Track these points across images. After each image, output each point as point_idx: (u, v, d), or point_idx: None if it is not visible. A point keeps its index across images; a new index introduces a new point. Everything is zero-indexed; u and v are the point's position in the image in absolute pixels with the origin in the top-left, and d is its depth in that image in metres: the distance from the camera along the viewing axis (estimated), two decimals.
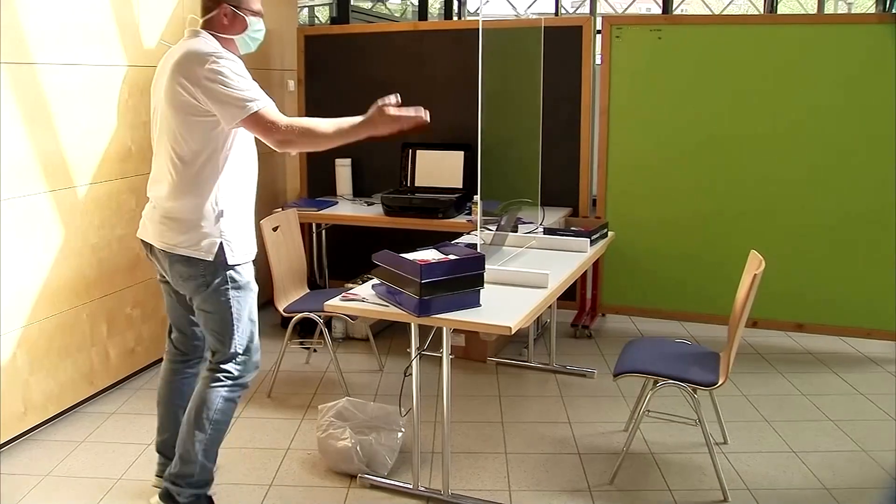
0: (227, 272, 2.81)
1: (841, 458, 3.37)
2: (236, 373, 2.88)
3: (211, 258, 2.76)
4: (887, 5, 11.11)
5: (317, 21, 13.79)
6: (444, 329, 2.92)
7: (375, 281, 3.10)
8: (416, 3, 12.92)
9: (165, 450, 3.07)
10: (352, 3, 9.35)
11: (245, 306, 2.88)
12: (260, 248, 4.10)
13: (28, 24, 3.40)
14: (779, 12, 13.08)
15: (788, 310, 4.63)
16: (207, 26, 2.85)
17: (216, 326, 2.86)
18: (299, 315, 4.00)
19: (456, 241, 3.83)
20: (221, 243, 2.78)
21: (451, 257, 2.96)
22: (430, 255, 3.05)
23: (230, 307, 2.83)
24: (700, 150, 4.65)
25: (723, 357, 3.16)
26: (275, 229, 4.13)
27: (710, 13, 15.92)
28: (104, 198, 3.91)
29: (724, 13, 15.92)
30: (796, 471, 3.27)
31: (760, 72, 4.47)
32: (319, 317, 4.00)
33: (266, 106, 2.66)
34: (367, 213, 4.83)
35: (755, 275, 2.96)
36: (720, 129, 4.58)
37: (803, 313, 4.63)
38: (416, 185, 5.03)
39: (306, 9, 13.16)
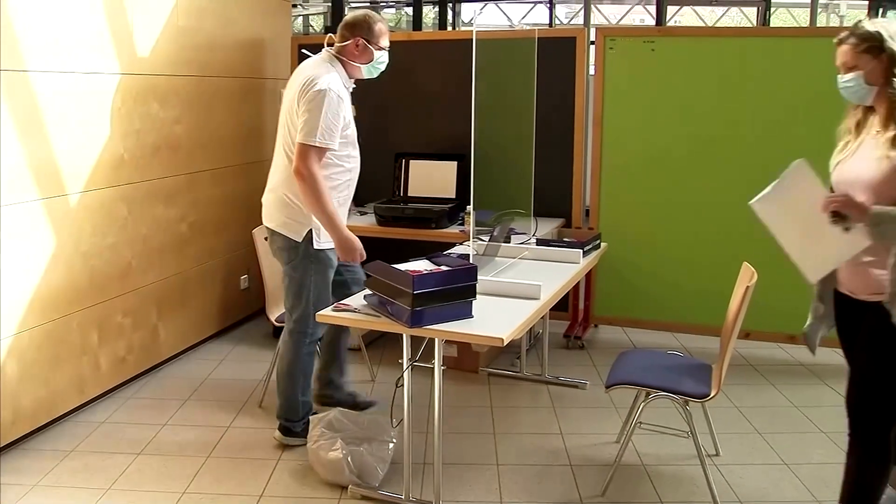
0: (311, 252, 3.43)
1: (833, 471, 3.36)
2: (310, 330, 3.51)
3: (300, 240, 3.40)
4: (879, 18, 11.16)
5: (311, 30, 13.81)
6: (436, 340, 2.91)
7: (367, 291, 3.09)
8: (411, 13, 12.95)
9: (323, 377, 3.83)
10: (346, 12, 9.35)
11: (322, 278, 3.50)
12: (252, 257, 4.12)
13: (21, 31, 3.40)
14: (771, 25, 13.14)
15: (780, 321, 4.63)
16: (341, 52, 3.45)
17: (294, 290, 3.48)
18: None
19: (448, 251, 3.83)
20: (311, 230, 3.39)
21: (444, 268, 2.96)
22: (422, 265, 3.05)
23: (309, 278, 3.46)
24: (693, 161, 4.66)
25: (715, 369, 3.16)
26: (266, 239, 4.12)
27: (704, 25, 16.01)
28: (96, 206, 3.90)
29: (717, 25, 16.01)
30: (788, 483, 3.27)
31: (753, 84, 4.48)
32: None
33: (318, 148, 3.24)
34: (360, 222, 4.81)
35: (747, 287, 2.97)
36: (713, 140, 4.59)
37: (795, 325, 4.62)
38: (409, 195, 5.03)
39: (301, 18, 13.20)
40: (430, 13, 14.87)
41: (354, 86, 3.55)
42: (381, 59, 3.49)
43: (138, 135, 4.18)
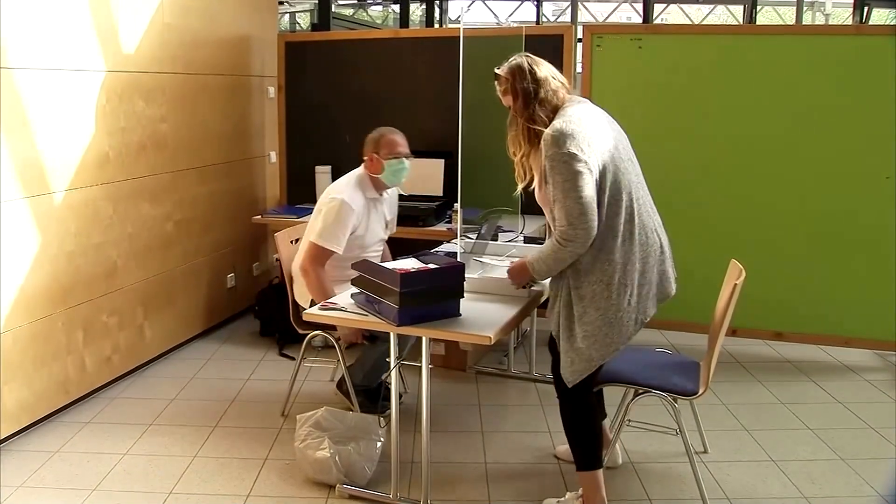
0: None
1: (819, 467, 3.39)
2: None
3: None
4: (864, 18, 11.26)
5: (298, 27, 13.77)
6: (424, 338, 2.90)
7: (355, 290, 3.08)
8: (398, 11, 12.95)
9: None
10: (333, 9, 9.34)
11: None
12: (237, 256, 4.08)
13: (5, 28, 3.36)
14: (758, 23, 13.20)
15: (767, 318, 4.65)
16: (365, 167, 3.75)
17: None
18: None
19: (436, 249, 3.82)
20: None
21: (431, 266, 2.95)
22: (409, 264, 3.03)
23: None
24: (679, 158, 4.66)
25: (703, 366, 3.16)
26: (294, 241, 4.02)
27: (690, 23, 16.05)
28: (81, 204, 3.87)
29: (704, 23, 16.06)
30: (776, 479, 3.28)
31: (740, 81, 4.49)
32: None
33: (317, 246, 3.59)
34: None
35: (735, 284, 2.97)
36: (699, 138, 4.60)
37: (782, 322, 4.65)
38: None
39: (287, 15, 13.16)
40: (417, 10, 14.85)
41: (388, 193, 3.86)
42: (395, 167, 3.68)
43: (123, 132, 4.15)
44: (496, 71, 2.90)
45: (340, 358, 3.69)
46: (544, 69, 2.85)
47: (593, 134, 2.74)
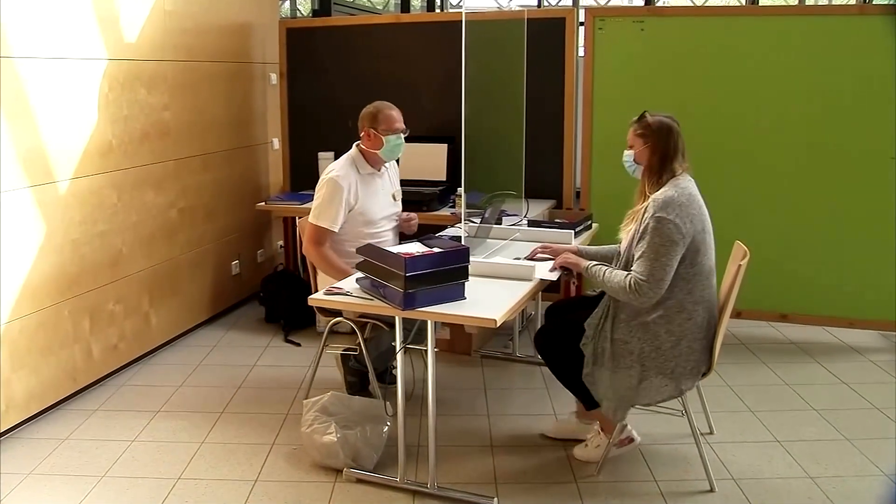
0: None
1: (825, 447, 3.39)
2: None
3: None
4: None
5: (298, 13, 13.70)
6: (429, 322, 2.91)
7: (360, 274, 3.08)
8: None
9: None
10: None
11: None
12: (242, 243, 4.08)
13: (6, 16, 3.36)
14: (760, 4, 13.09)
15: (772, 300, 4.65)
16: (361, 143, 3.76)
17: None
18: None
19: (440, 233, 3.82)
20: None
21: (436, 250, 2.95)
22: (414, 247, 3.04)
23: None
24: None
25: None
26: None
27: (693, 5, 15.96)
28: (85, 193, 3.87)
29: (707, 5, 15.97)
30: (781, 460, 3.29)
31: (743, 63, 4.48)
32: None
33: (313, 226, 3.63)
34: None
35: (740, 265, 2.97)
36: (703, 120, 4.58)
37: (787, 304, 4.66)
38: (400, 177, 4.99)
39: (288, 1, 13.09)
40: None
41: (386, 165, 3.88)
42: (393, 143, 3.70)
43: (126, 121, 4.15)
44: (646, 114, 3.13)
45: (361, 340, 3.66)
46: (681, 142, 3.11)
47: (696, 213, 2.96)
